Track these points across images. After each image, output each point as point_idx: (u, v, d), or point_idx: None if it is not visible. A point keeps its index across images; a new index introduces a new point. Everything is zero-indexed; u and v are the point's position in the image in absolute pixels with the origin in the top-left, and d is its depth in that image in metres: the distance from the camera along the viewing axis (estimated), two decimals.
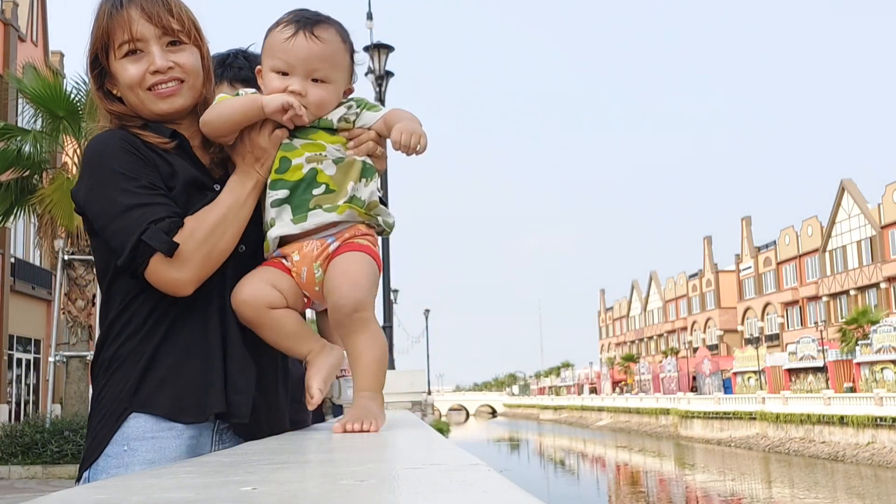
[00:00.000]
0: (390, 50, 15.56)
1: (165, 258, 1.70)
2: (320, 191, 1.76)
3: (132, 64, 1.81)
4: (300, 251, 1.79)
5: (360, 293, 1.72)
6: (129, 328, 1.79)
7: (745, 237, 66.37)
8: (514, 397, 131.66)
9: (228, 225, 1.76)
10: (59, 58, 32.37)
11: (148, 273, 1.72)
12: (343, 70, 1.84)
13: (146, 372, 1.76)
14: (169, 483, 0.91)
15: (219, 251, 1.76)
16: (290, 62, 1.77)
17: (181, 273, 1.72)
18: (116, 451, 1.73)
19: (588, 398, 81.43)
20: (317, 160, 1.77)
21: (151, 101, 1.82)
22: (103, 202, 1.75)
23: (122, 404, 1.75)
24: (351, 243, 1.78)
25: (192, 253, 1.71)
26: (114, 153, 1.77)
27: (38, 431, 13.70)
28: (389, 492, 0.82)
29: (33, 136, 14.94)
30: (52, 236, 14.95)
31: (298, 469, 1.13)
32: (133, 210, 1.71)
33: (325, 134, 1.80)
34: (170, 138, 1.83)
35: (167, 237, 1.69)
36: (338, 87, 1.82)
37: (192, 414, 1.75)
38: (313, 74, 1.78)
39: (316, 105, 1.79)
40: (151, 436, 1.73)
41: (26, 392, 28.99)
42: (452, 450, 1.27)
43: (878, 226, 49.53)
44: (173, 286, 1.73)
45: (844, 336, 42.05)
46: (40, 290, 29.14)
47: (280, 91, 1.77)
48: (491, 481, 0.85)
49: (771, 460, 35.28)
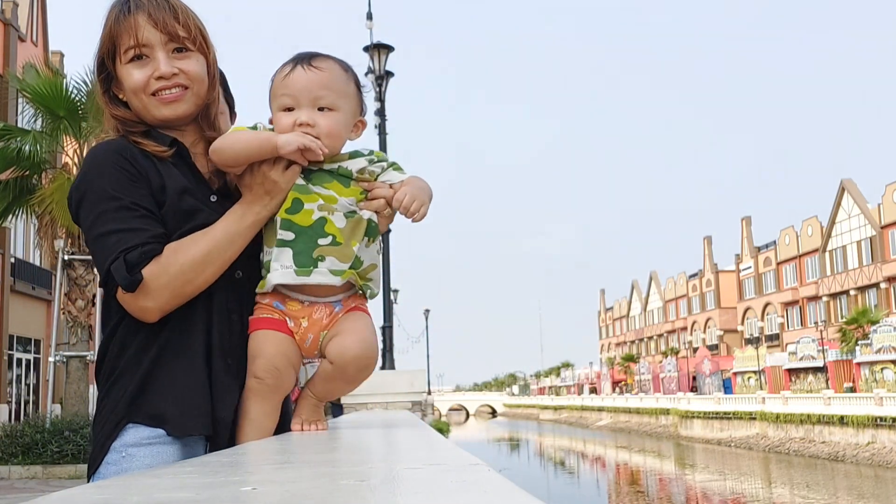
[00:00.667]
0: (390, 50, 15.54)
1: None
2: (327, 241, 1.74)
3: (137, 69, 1.82)
4: (309, 318, 1.79)
5: (374, 348, 1.81)
6: (127, 339, 1.81)
7: (745, 237, 66.38)
8: (514, 397, 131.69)
9: (211, 261, 1.75)
10: (59, 58, 32.36)
11: (118, 296, 1.75)
12: (349, 98, 1.82)
13: (144, 383, 1.77)
14: (169, 483, 0.91)
15: (193, 287, 1.75)
16: (292, 95, 1.77)
17: (147, 302, 1.73)
18: (115, 458, 1.75)
19: (588, 398, 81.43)
20: (328, 209, 1.75)
21: (155, 106, 1.83)
22: (87, 221, 1.78)
23: (119, 414, 1.77)
24: (355, 308, 1.83)
25: (161, 287, 1.72)
26: (105, 170, 1.78)
27: (38, 431, 13.70)
28: (389, 492, 0.82)
29: (33, 136, 14.94)
30: (52, 236, 14.95)
31: (298, 469, 1.13)
32: (110, 236, 1.73)
33: (339, 185, 1.78)
34: (169, 146, 1.84)
35: (129, 274, 1.70)
36: (346, 116, 1.81)
37: (182, 428, 1.76)
38: (318, 103, 1.77)
39: (327, 134, 1.76)
40: (148, 443, 1.75)
41: (26, 392, 28.98)
42: (452, 450, 1.27)
43: (878, 226, 49.53)
44: (138, 314, 1.76)
45: (844, 336, 42.05)
46: (40, 290, 29.14)
47: (290, 126, 1.76)
48: (491, 481, 0.85)
49: (771, 460, 35.28)
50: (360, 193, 1.79)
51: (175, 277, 1.72)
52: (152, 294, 1.71)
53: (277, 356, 1.77)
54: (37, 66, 16.01)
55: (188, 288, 1.74)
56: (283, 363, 1.77)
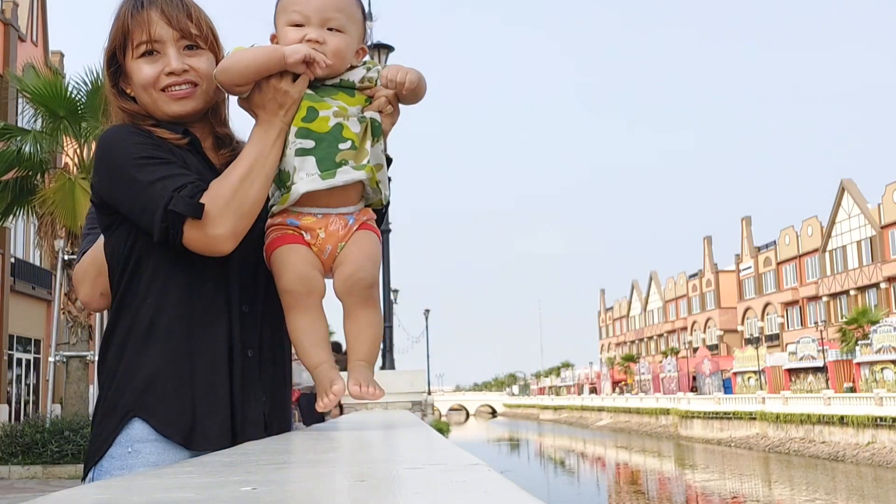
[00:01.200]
0: (390, 50, 15.55)
1: (197, 222, 1.69)
2: (346, 146, 1.76)
3: (148, 64, 1.83)
4: (325, 229, 1.79)
5: (376, 271, 1.82)
6: (134, 330, 1.79)
7: (745, 237, 66.38)
8: (514, 397, 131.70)
9: (255, 177, 1.73)
10: (59, 58, 32.36)
11: (185, 240, 1.71)
12: (357, 23, 1.84)
13: (151, 378, 1.76)
14: (170, 483, 0.91)
15: (249, 203, 1.72)
16: (305, 13, 1.78)
17: (216, 230, 1.70)
18: (120, 452, 1.73)
19: (588, 398, 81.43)
20: (343, 115, 1.77)
21: (164, 101, 1.84)
22: (124, 185, 1.75)
23: (126, 406, 1.75)
24: (366, 223, 1.84)
25: (221, 209, 1.70)
26: (126, 139, 1.79)
27: (38, 431, 13.69)
28: (389, 492, 0.82)
29: (33, 136, 14.94)
30: (52, 236, 14.95)
31: (298, 469, 1.13)
32: (154, 184, 1.70)
33: (345, 95, 1.80)
34: (182, 136, 1.84)
35: (192, 200, 1.68)
36: (353, 39, 1.82)
37: (185, 437, 1.74)
38: (329, 24, 1.78)
39: (334, 53, 1.78)
40: (155, 438, 1.74)
41: (26, 392, 28.98)
42: (452, 450, 1.27)
43: (878, 226, 49.54)
44: (211, 245, 1.72)
45: (844, 336, 42.04)
46: (40, 290, 29.13)
47: (297, 41, 1.76)
48: (491, 481, 0.85)
49: (771, 460, 35.28)
50: (364, 101, 1.81)
51: (230, 198, 1.70)
52: (217, 219, 1.69)
53: (300, 264, 1.77)
54: (37, 66, 16.01)
55: (245, 205, 1.72)
56: (307, 269, 1.77)
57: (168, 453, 1.73)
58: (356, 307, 1.80)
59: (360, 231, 1.81)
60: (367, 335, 1.81)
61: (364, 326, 1.81)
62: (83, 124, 14.92)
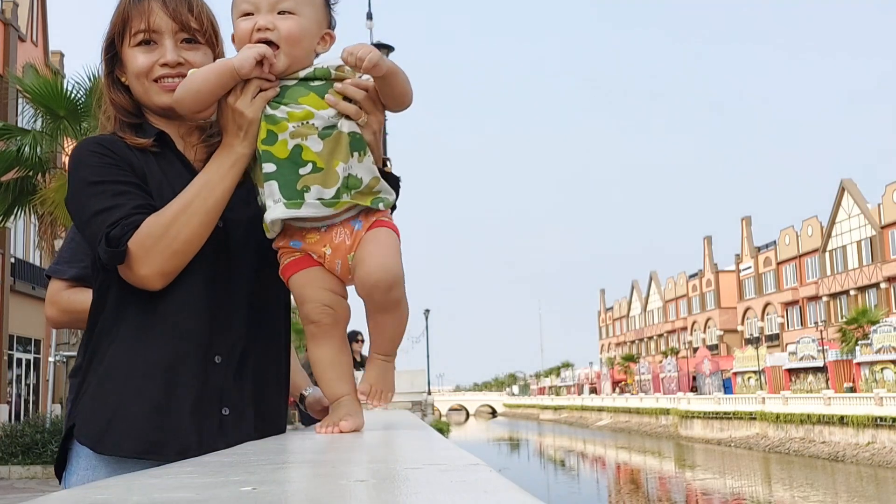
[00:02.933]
0: (390, 50, 15.56)
1: (127, 260, 1.68)
2: (307, 170, 1.64)
3: (143, 53, 1.83)
4: (331, 244, 1.70)
5: (396, 269, 1.69)
6: (104, 336, 1.78)
7: (745, 237, 66.38)
8: (514, 397, 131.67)
9: (194, 212, 1.69)
10: (59, 58, 32.37)
11: (121, 274, 1.72)
12: (313, 5, 1.74)
13: (84, 384, 1.77)
14: (169, 483, 0.91)
15: (181, 242, 1.68)
16: (253, 1, 1.69)
17: (141, 270, 1.68)
18: (86, 451, 1.74)
19: (588, 398, 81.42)
20: (301, 135, 1.64)
21: (155, 92, 1.84)
22: (77, 211, 1.76)
23: (66, 426, 1.79)
24: (377, 222, 1.73)
25: (148, 250, 1.67)
26: (84, 159, 1.77)
27: (38, 431, 13.71)
28: (389, 492, 0.82)
29: (33, 136, 14.94)
30: (53, 236, 14.94)
31: (298, 469, 1.13)
32: (97, 216, 1.70)
33: (315, 97, 1.67)
34: (155, 139, 1.83)
35: (110, 247, 1.66)
36: (309, 22, 1.71)
37: (93, 440, 1.72)
38: (278, 7, 1.69)
39: (286, 38, 1.67)
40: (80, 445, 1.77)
41: (26, 392, 28.98)
42: (452, 450, 1.27)
43: (878, 226, 49.53)
44: (140, 283, 1.71)
45: (844, 336, 42.03)
46: (40, 290, 29.08)
47: (248, 31, 1.68)
48: (491, 481, 0.85)
49: (771, 460, 35.28)
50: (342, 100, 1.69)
51: (160, 237, 1.67)
52: (143, 260, 1.67)
53: (322, 292, 1.71)
54: (37, 66, 16.01)
55: (176, 244, 1.68)
56: (329, 297, 1.71)
57: (92, 461, 1.74)
58: (377, 311, 1.72)
59: (370, 231, 1.71)
60: (389, 328, 1.74)
61: (385, 324, 1.74)
62: (83, 124, 14.90)
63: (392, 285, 1.67)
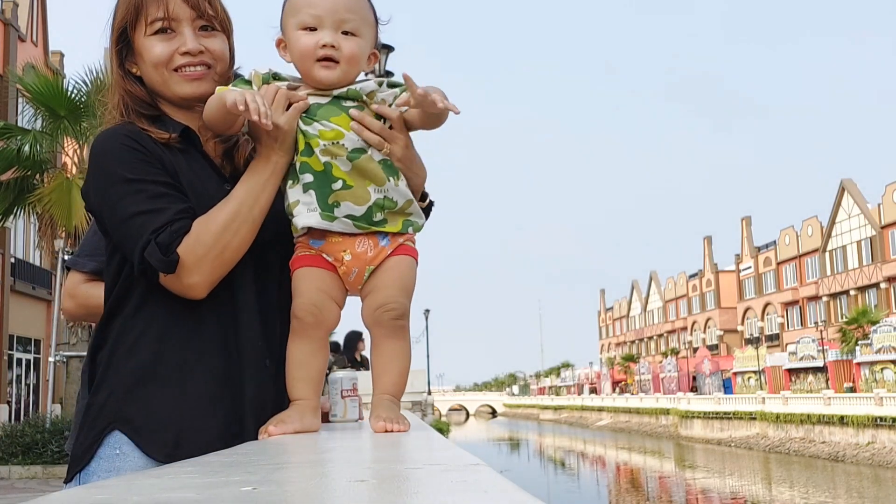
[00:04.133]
0: (390, 50, 15.54)
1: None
2: (338, 186, 1.66)
3: (162, 42, 1.78)
4: (352, 251, 1.70)
5: (407, 301, 1.73)
6: (125, 333, 1.74)
7: (745, 237, 66.37)
8: (514, 397, 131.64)
9: (242, 221, 1.68)
10: (59, 58, 32.38)
11: (161, 280, 1.68)
12: (370, 26, 1.75)
13: (132, 386, 1.70)
14: (169, 483, 0.91)
15: (231, 251, 1.68)
16: (317, 14, 1.68)
17: (191, 279, 1.66)
18: (108, 453, 1.70)
19: (588, 398, 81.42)
20: (331, 153, 1.66)
21: (177, 82, 1.79)
22: (109, 207, 1.71)
23: (108, 416, 1.70)
24: (403, 246, 1.74)
25: (199, 259, 1.64)
26: (118, 152, 1.72)
27: (38, 431, 13.72)
28: (389, 492, 0.82)
29: (33, 136, 14.94)
30: (52, 236, 14.95)
31: (298, 469, 1.13)
32: (136, 217, 1.66)
33: (346, 118, 1.68)
34: (180, 134, 1.78)
35: (164, 255, 1.63)
36: (366, 43, 1.73)
37: (168, 455, 1.64)
38: (343, 26, 1.69)
39: (349, 59, 1.69)
40: (136, 451, 1.70)
41: (26, 392, 28.98)
42: (452, 450, 1.27)
43: (878, 226, 49.53)
44: (185, 292, 1.69)
45: (844, 336, 42.04)
46: (40, 290, 29.14)
47: (311, 46, 1.67)
48: (491, 481, 0.85)
49: (771, 460, 35.28)
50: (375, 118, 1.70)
51: (211, 246, 1.65)
52: (194, 269, 1.65)
53: (315, 292, 1.70)
54: (37, 66, 16.01)
55: (227, 253, 1.67)
56: (321, 298, 1.70)
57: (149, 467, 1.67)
58: (384, 339, 1.73)
59: (394, 257, 1.72)
60: (394, 368, 1.73)
61: (390, 358, 1.73)
62: (83, 124, 14.91)
63: (401, 315, 1.71)
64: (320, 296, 1.71)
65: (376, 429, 1.63)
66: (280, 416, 1.68)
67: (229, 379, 1.72)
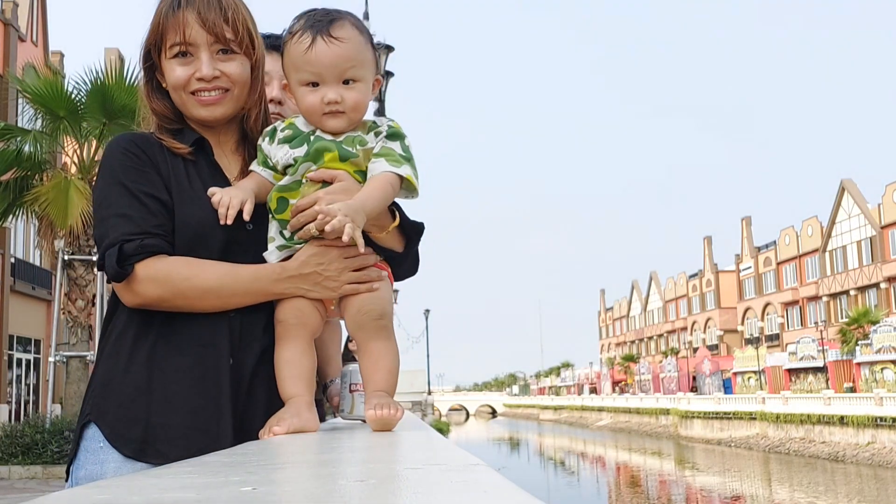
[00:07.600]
0: (390, 50, 15.54)
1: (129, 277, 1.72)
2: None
3: (180, 66, 1.82)
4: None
5: (387, 305, 1.80)
6: (114, 333, 1.81)
7: (745, 237, 66.36)
8: (514, 397, 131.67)
9: (220, 296, 1.75)
10: (59, 58, 32.37)
11: (109, 281, 1.77)
12: (370, 64, 1.79)
13: (107, 381, 1.77)
14: (169, 483, 0.91)
15: (186, 306, 1.74)
16: (317, 72, 1.73)
17: (126, 295, 1.75)
18: (93, 446, 1.76)
19: (588, 398, 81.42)
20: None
21: (193, 105, 1.84)
22: (96, 203, 1.81)
23: (86, 411, 1.78)
24: (375, 265, 1.82)
25: (157, 287, 1.71)
26: (115, 155, 1.81)
27: (38, 431, 13.71)
28: (389, 492, 0.82)
29: (33, 136, 14.94)
30: (52, 236, 14.93)
31: (298, 469, 1.13)
32: (110, 219, 1.74)
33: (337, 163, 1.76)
34: (192, 145, 1.84)
35: (118, 265, 1.70)
36: (369, 83, 1.79)
37: (135, 450, 1.72)
38: (344, 77, 1.74)
39: (353, 108, 1.76)
40: (108, 446, 1.76)
41: (26, 392, 28.98)
42: (452, 450, 1.27)
43: (878, 226, 49.52)
44: (122, 297, 1.77)
45: (844, 336, 42.03)
46: (40, 290, 29.13)
47: (317, 103, 1.74)
48: (491, 481, 0.85)
49: (771, 460, 35.29)
50: (353, 172, 1.75)
51: (175, 291, 1.72)
52: (141, 289, 1.71)
53: (297, 299, 1.77)
54: (37, 66, 16.00)
55: (179, 302, 1.73)
56: (303, 302, 1.76)
57: (123, 464, 1.73)
58: (368, 341, 1.78)
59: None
60: (383, 365, 1.76)
61: (377, 358, 1.76)
62: (83, 124, 14.92)
63: (381, 314, 1.77)
64: (302, 301, 1.77)
65: (370, 416, 1.65)
66: (276, 415, 1.70)
67: (202, 378, 1.75)
